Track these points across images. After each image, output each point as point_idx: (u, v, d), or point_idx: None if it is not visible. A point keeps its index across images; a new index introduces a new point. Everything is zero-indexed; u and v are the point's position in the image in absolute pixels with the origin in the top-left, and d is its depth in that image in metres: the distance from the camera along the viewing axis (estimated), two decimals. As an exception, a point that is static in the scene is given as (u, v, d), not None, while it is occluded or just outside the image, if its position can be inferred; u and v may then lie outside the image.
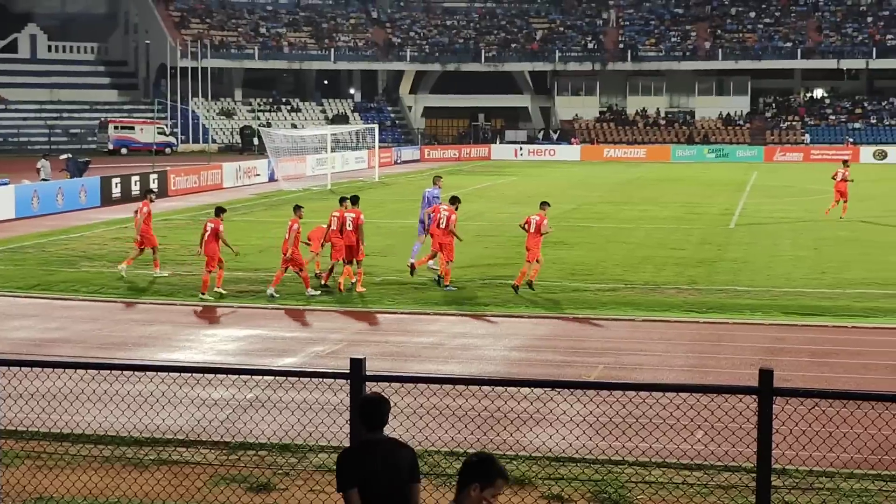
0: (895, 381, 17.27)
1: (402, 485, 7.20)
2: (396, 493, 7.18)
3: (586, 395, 13.79)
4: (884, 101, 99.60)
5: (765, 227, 39.06)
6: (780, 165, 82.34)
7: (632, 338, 20.76)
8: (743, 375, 16.91)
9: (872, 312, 22.92)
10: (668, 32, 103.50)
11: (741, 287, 26.09)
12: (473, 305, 23.86)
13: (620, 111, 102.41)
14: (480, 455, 6.57)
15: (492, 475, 6.42)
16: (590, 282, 26.87)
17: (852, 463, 12.06)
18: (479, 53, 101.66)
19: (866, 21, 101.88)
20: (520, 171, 72.80)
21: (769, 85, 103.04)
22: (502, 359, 18.83)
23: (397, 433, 11.81)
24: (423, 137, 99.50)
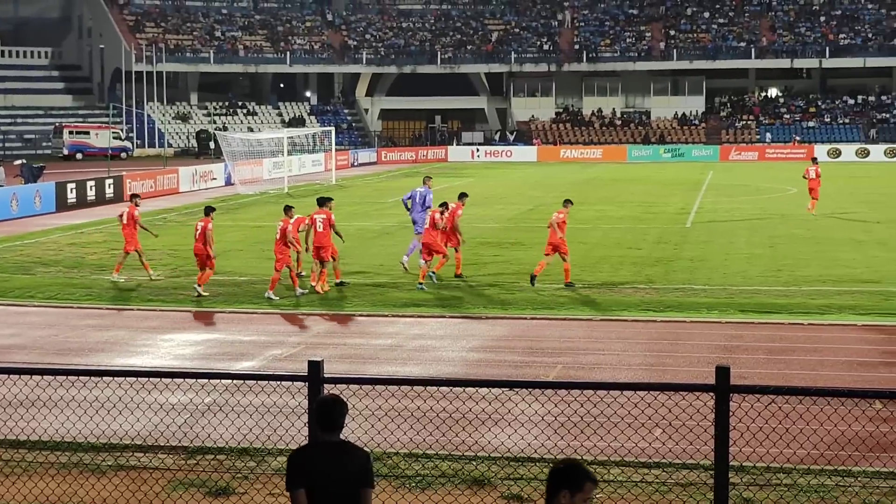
0: (850, 377, 17.42)
1: (352, 489, 7.16)
2: (346, 496, 7.14)
3: (544, 394, 13.82)
4: (837, 100, 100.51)
5: (721, 225, 39.31)
6: (735, 164, 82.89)
7: (589, 337, 20.84)
8: (700, 373, 17.00)
9: (827, 309, 23.12)
10: (622, 33, 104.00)
11: (698, 285, 26.23)
12: (431, 307, 23.84)
13: (576, 112, 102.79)
14: (567, 462, 6.47)
15: (580, 481, 6.33)
16: (547, 282, 26.91)
17: (809, 458, 12.15)
18: (435, 55, 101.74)
19: (819, 20, 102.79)
20: (477, 173, 72.89)
21: (724, 84, 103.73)
22: (460, 360, 18.84)
23: (356, 435, 11.80)
24: (379, 140, 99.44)
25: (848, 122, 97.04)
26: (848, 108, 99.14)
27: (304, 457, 7.25)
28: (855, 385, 16.59)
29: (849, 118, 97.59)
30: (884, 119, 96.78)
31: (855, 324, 21.70)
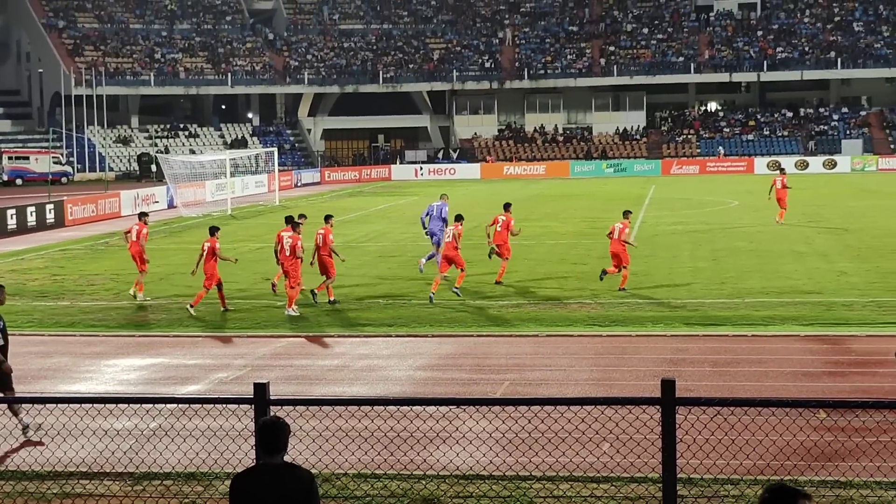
0: (795, 387, 17.57)
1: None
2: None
3: (492, 411, 13.81)
4: (776, 113, 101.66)
5: (664, 239, 39.56)
6: (676, 178, 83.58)
7: (536, 353, 20.86)
8: (647, 387, 17.06)
9: (771, 320, 23.33)
10: (563, 50, 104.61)
11: (643, 299, 26.37)
12: (377, 326, 23.78)
13: (519, 128, 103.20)
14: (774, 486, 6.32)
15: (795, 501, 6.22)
16: (493, 298, 26.97)
17: (755, 469, 12.23)
18: (377, 75, 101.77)
19: (756, 35, 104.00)
20: (421, 191, 72.89)
21: (664, 99, 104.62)
22: (408, 378, 18.79)
23: (303, 457, 11.72)
24: (323, 160, 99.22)
25: (787, 134, 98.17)
26: (786, 120, 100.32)
27: (247, 480, 7.20)
28: (799, 395, 16.74)
29: (787, 131, 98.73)
30: (822, 131, 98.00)
31: (798, 334, 21.90)
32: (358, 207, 58.60)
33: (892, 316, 23.27)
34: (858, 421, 14.65)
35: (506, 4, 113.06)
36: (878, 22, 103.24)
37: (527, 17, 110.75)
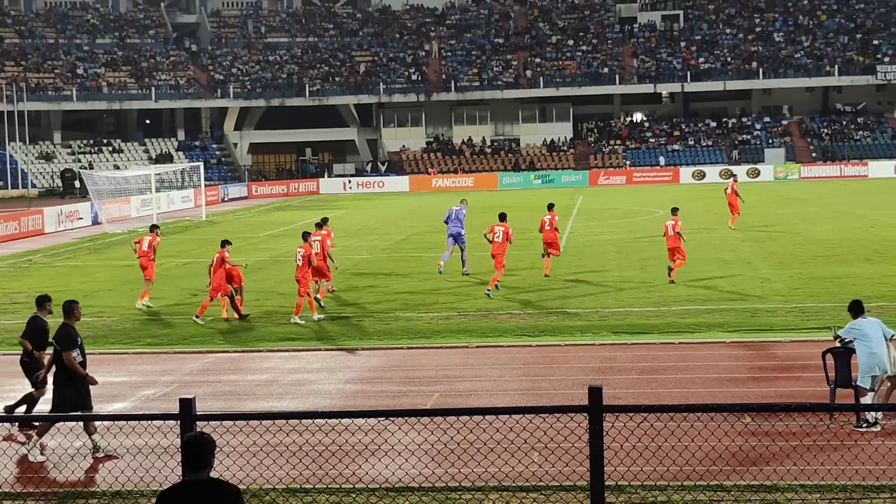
0: (721, 393, 17.75)
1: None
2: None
3: (421, 422, 13.80)
4: (700, 123, 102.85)
5: (592, 249, 39.84)
6: (604, 189, 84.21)
7: (466, 364, 20.89)
8: (576, 395, 17.15)
9: (697, 328, 23.58)
10: (489, 62, 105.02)
11: (571, 309, 26.52)
12: (306, 340, 23.68)
13: (447, 141, 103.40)
14: None
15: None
16: (422, 311, 26.98)
17: (682, 475, 12.33)
18: (303, 88, 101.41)
19: (680, 46, 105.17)
20: (349, 204, 72.80)
21: (590, 111, 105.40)
22: (337, 392, 18.72)
23: (231, 472, 11.62)
24: (250, 174, 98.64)
25: (711, 144, 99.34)
26: (710, 130, 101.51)
27: (172, 497, 7.13)
28: (725, 401, 16.93)
29: (711, 140, 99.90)
30: (745, 140, 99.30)
31: (724, 341, 22.16)
32: (286, 221, 58.33)
33: (814, 321, 23.61)
34: (782, 425, 14.84)
35: (431, 17, 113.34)
36: (797, 32, 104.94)
37: (452, 30, 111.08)
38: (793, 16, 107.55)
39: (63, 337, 15.04)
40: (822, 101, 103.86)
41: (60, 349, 14.91)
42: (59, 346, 14.95)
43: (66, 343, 14.95)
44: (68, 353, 14.84)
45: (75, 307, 15.48)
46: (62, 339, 15.00)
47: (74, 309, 15.43)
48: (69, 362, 14.74)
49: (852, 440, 14.34)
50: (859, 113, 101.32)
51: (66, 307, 15.46)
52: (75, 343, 15.01)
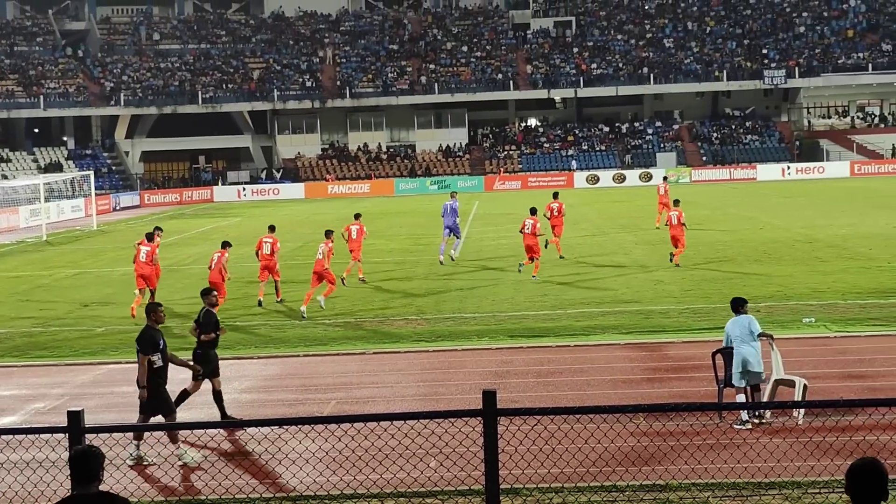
0: (616, 394, 17.95)
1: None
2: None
3: (315, 430, 13.72)
4: (593, 128, 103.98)
5: (488, 253, 40.03)
6: (499, 194, 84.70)
7: (363, 371, 20.83)
8: (473, 400, 17.18)
9: (592, 330, 23.82)
10: (384, 68, 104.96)
11: (468, 314, 26.61)
12: (201, 350, 23.37)
13: (342, 147, 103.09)
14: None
15: None
16: (319, 318, 26.85)
17: (576, 476, 12.42)
18: (196, 95, 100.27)
19: (572, 52, 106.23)
20: (244, 212, 72.19)
21: (485, 116, 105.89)
22: (233, 401, 18.52)
23: (121, 485, 11.43)
24: (142, 182, 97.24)
25: (604, 148, 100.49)
26: (603, 135, 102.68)
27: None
28: (619, 402, 17.12)
29: (605, 145, 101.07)
30: (637, 145, 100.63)
31: (618, 343, 22.42)
32: (179, 230, 57.63)
33: (706, 322, 24.01)
34: (673, 424, 15.05)
35: (325, 24, 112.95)
36: (687, 38, 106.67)
37: (346, 36, 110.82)
38: (682, 22, 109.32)
39: (144, 340, 15.10)
40: (712, 105, 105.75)
41: (140, 351, 14.97)
42: (140, 348, 15.03)
43: (146, 346, 15.02)
44: (145, 356, 14.89)
45: (158, 310, 15.56)
46: (143, 342, 15.07)
47: (157, 312, 15.46)
48: (141, 365, 14.86)
49: (741, 438, 14.60)
50: (748, 117, 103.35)
51: (149, 310, 15.49)
52: (157, 346, 15.07)
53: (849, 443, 13.50)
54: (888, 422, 12.98)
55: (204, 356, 17.11)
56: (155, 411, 14.67)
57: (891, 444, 12.90)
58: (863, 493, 6.08)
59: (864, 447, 13.40)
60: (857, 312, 24.73)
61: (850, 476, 6.14)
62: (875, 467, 6.14)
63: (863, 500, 6.08)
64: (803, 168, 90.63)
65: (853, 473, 6.14)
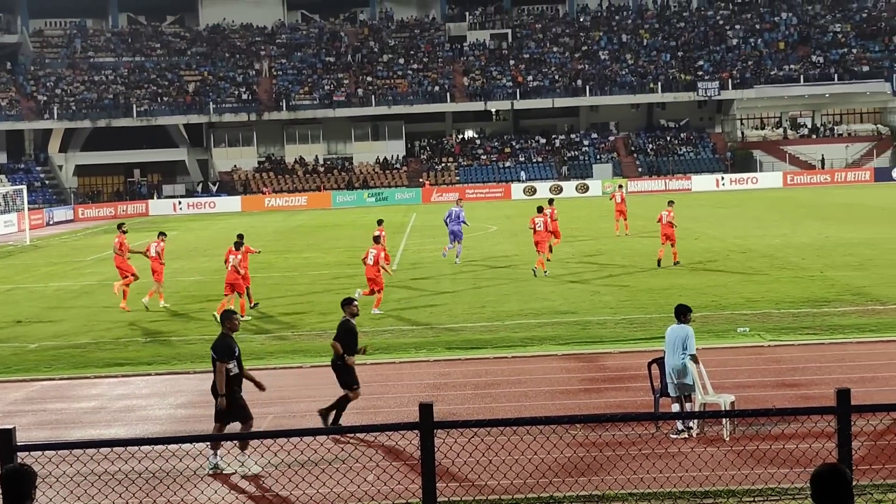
0: (553, 405, 18.00)
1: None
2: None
3: (251, 445, 13.65)
4: (530, 140, 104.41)
5: (426, 266, 40.03)
6: (437, 206, 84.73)
7: (301, 385, 20.74)
8: (410, 413, 17.09)
9: (529, 341, 23.89)
10: (320, 81, 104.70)
11: (405, 326, 26.59)
12: (136, 365, 23.18)
13: (279, 160, 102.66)
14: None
15: None
16: (256, 332, 26.71)
17: (513, 488, 12.46)
18: (131, 108, 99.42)
19: (509, 64, 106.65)
20: (180, 226, 71.62)
21: (423, 128, 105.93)
22: (168, 417, 18.37)
23: (54, 503, 11.27)
24: (76, 196, 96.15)
25: (541, 160, 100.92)
26: (540, 147, 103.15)
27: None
28: (557, 413, 17.17)
29: (542, 157, 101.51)
30: (573, 156, 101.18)
31: (556, 354, 22.50)
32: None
33: (642, 332, 24.18)
34: (610, 435, 15.13)
35: (261, 36, 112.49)
36: (621, 50, 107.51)
37: (283, 49, 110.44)
38: (617, 35, 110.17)
39: (221, 347, 15.04)
40: (647, 117, 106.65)
41: (217, 359, 14.90)
42: (216, 356, 14.97)
43: (223, 353, 14.95)
44: (222, 363, 14.81)
45: (233, 317, 15.54)
46: (220, 349, 14.99)
47: (232, 319, 15.45)
48: (219, 373, 14.78)
49: (676, 448, 14.71)
50: (682, 128, 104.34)
51: (224, 317, 15.49)
52: (233, 354, 15.05)
53: (782, 451, 13.65)
54: (820, 430, 13.13)
55: (343, 366, 17.33)
56: (231, 419, 14.60)
57: (823, 452, 13.05)
58: (829, 498, 6.11)
59: (797, 455, 13.56)
60: (790, 321, 25.04)
61: (815, 482, 6.16)
62: (839, 472, 6.18)
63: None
64: (737, 179, 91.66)
65: (817, 480, 6.16)
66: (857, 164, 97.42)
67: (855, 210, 58.67)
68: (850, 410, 8.19)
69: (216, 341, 15.32)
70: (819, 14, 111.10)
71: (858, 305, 26.79)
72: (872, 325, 24.10)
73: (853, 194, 74.29)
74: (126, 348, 25.23)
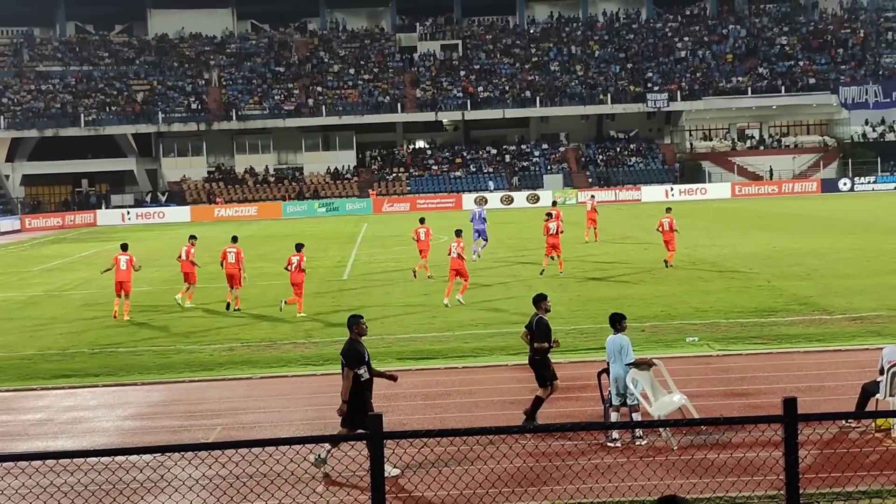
0: (504, 415, 18.01)
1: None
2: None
3: (198, 457, 13.53)
4: (480, 150, 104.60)
5: (377, 276, 39.96)
6: (388, 216, 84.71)
7: (250, 396, 20.62)
8: (360, 423, 17.10)
9: (480, 352, 23.91)
10: (270, 91, 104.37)
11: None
12: (83, 377, 22.95)
13: (229, 170, 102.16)
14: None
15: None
16: (205, 343, 26.54)
17: (463, 499, 12.43)
18: (79, 117, 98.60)
19: (459, 75, 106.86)
20: (128, 236, 70.85)
21: (373, 139, 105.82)
22: (116, 429, 18.20)
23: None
24: (23, 206, 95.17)
25: (492, 170, 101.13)
26: (491, 157, 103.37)
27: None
28: (508, 423, 17.18)
29: (492, 167, 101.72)
30: (524, 167, 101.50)
31: (506, 364, 22.53)
32: (61, 254, 56.55)
33: (593, 342, 24.24)
34: (559, 444, 15.15)
35: (210, 46, 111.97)
36: (571, 62, 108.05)
37: (232, 58, 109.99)
38: (567, 46, 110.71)
39: (351, 353, 14.95)
40: (597, 128, 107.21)
41: (346, 365, 14.81)
42: (346, 362, 14.88)
43: (353, 359, 14.88)
44: (351, 369, 14.75)
45: (361, 322, 15.34)
46: (349, 356, 14.91)
47: (360, 324, 15.29)
48: (346, 379, 14.74)
49: (625, 457, 14.76)
50: (632, 140, 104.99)
51: (352, 322, 15.33)
52: (362, 359, 14.93)
53: (729, 460, 13.73)
54: (767, 438, 13.23)
55: (542, 362, 17.37)
56: (361, 424, 14.43)
57: (770, 460, 13.15)
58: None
59: (744, 464, 13.64)
60: (738, 331, 25.23)
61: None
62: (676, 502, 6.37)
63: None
64: (686, 189, 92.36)
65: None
66: (804, 175, 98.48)
67: (802, 220, 59.29)
68: (796, 419, 8.25)
69: (346, 347, 15.19)
70: (767, 27, 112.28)
71: (805, 315, 27.05)
72: (819, 335, 24.34)
73: (800, 205, 75.09)
74: (73, 359, 24.98)
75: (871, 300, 28.81)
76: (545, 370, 17.35)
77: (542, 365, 17.41)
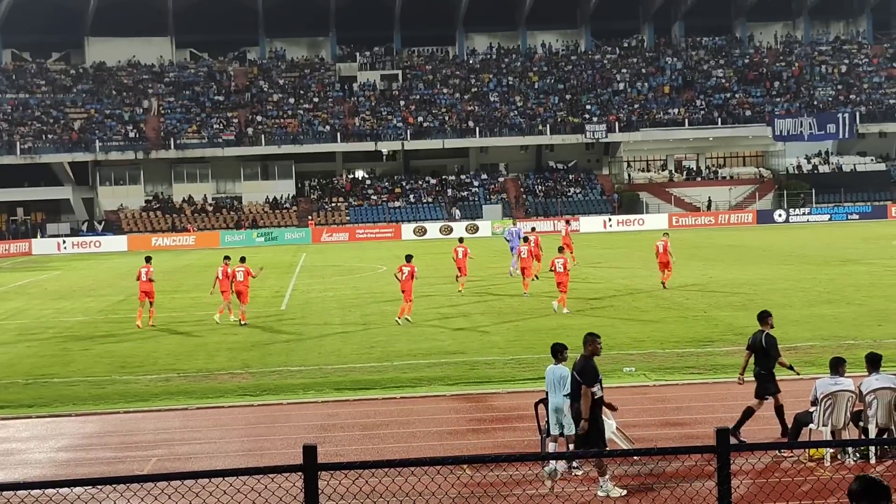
0: (441, 446, 18.01)
1: None
2: None
3: (131, 489, 13.41)
4: (420, 180, 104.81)
5: (315, 306, 39.84)
6: (327, 245, 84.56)
7: (185, 427, 20.46)
8: (297, 454, 16.94)
9: (419, 382, 23.90)
10: (209, 120, 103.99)
11: (294, 367, 26.41)
12: (16, 408, 22.65)
13: (167, 199, 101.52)
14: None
15: None
16: (140, 373, 26.29)
17: (400, 529, 12.44)
18: (14, 145, 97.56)
19: (399, 104, 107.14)
20: (64, 265, 70.32)
21: (313, 168, 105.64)
22: (48, 461, 17.97)
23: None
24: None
25: (431, 200, 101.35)
26: (430, 187, 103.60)
27: None
28: (445, 453, 17.18)
29: (432, 197, 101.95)
30: (463, 197, 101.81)
31: (444, 394, 22.53)
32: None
33: (530, 372, 24.32)
34: (494, 475, 15.17)
35: (149, 74, 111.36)
36: (511, 92, 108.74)
37: (171, 87, 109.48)
38: (506, 77, 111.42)
39: (587, 371, 14.76)
40: (536, 158, 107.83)
41: (583, 383, 14.62)
42: (583, 380, 14.68)
43: (590, 377, 14.70)
44: (589, 388, 14.56)
45: (597, 340, 15.19)
46: (586, 374, 14.73)
47: (595, 342, 15.15)
48: (584, 397, 14.52)
49: (560, 488, 14.80)
50: (570, 170, 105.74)
51: (587, 340, 15.19)
52: (597, 377, 14.76)
53: (663, 490, 13.82)
54: (700, 469, 13.34)
55: (768, 375, 17.43)
56: (596, 443, 14.28)
57: (703, 490, 13.25)
58: None
59: (678, 494, 13.74)
60: (674, 361, 25.43)
61: None
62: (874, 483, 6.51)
63: None
64: (624, 220, 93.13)
65: None
66: (740, 206, 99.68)
67: (738, 251, 59.96)
68: (729, 449, 8.34)
69: (581, 365, 15.03)
70: (703, 59, 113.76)
71: (741, 345, 27.21)
72: (754, 365, 24.56)
73: (736, 236, 75.94)
74: (6, 390, 24.64)
75: (805, 330, 29.17)
76: (770, 383, 17.52)
77: (768, 379, 17.58)
